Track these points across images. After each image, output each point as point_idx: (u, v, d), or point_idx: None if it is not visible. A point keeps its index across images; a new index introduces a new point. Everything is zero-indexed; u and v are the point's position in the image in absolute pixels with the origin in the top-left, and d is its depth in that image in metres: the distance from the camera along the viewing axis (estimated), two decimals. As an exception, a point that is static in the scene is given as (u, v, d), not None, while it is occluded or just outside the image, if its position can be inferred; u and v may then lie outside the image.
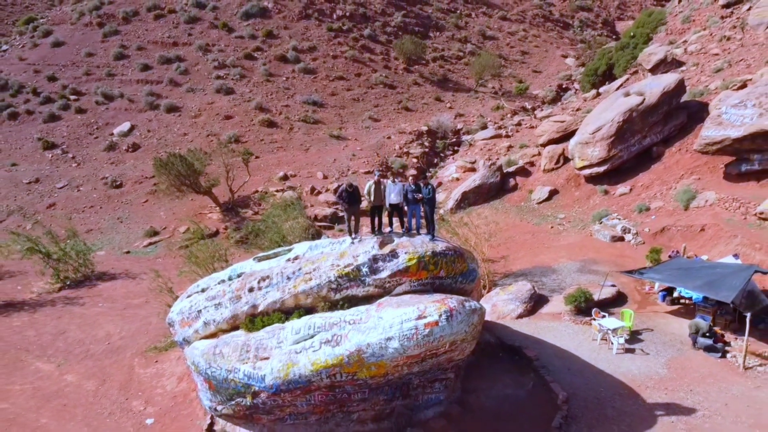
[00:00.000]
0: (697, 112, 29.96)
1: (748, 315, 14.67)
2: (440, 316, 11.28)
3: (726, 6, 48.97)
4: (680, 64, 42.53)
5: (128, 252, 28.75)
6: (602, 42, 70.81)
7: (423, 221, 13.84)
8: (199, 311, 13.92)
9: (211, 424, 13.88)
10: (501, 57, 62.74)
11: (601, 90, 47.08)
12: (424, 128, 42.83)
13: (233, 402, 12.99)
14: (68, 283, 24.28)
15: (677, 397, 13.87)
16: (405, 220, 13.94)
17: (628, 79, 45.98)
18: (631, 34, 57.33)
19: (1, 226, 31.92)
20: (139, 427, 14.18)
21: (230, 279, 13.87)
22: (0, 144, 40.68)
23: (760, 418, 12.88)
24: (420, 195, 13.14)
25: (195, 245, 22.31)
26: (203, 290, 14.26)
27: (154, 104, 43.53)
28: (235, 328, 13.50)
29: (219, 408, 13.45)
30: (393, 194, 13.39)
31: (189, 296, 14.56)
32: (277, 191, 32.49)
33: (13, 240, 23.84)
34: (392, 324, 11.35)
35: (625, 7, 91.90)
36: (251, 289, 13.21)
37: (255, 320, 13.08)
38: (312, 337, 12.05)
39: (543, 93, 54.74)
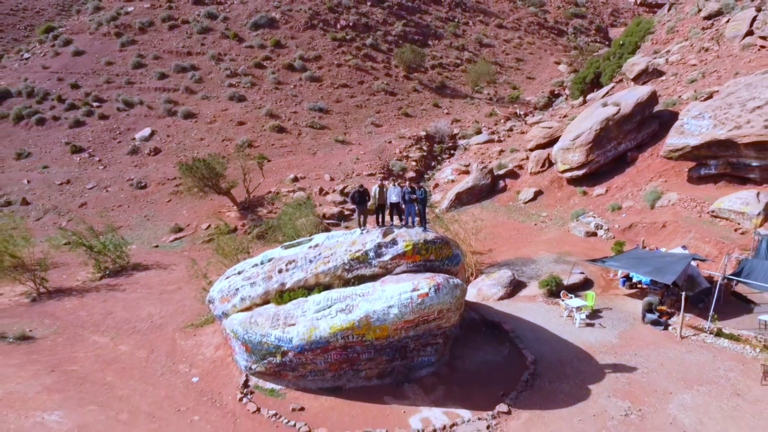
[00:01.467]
0: (669, 121, 33.07)
1: (683, 294, 17.93)
2: (430, 288, 14.57)
3: (707, 18, 51.94)
4: (661, 73, 45.68)
5: (156, 246, 32.05)
6: (594, 49, 74.13)
7: (417, 217, 17.20)
8: (237, 289, 17.20)
9: (246, 381, 17.07)
10: (496, 64, 66.07)
11: (588, 97, 50.27)
12: (423, 133, 46.11)
13: (266, 361, 16.22)
14: (108, 272, 27.56)
15: (623, 359, 17.13)
16: (403, 216, 17.25)
17: (613, 87, 49.14)
18: (621, 42, 60.57)
19: (39, 223, 35.27)
20: (187, 384, 17.39)
21: (262, 263, 17.16)
22: (31, 148, 44.05)
23: (687, 374, 16.14)
24: (415, 196, 16.50)
25: (221, 239, 25.51)
26: (239, 272, 17.55)
27: (172, 111, 46.86)
28: (266, 302, 16.75)
29: (253, 367, 16.69)
30: (393, 195, 16.76)
31: (227, 278, 17.85)
32: (288, 192, 35.78)
33: (62, 235, 27.17)
34: (393, 295, 14.63)
35: (618, 14, 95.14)
36: (280, 271, 16.51)
37: (283, 295, 16.35)
38: (330, 306, 15.31)
39: (535, 99, 57.99)
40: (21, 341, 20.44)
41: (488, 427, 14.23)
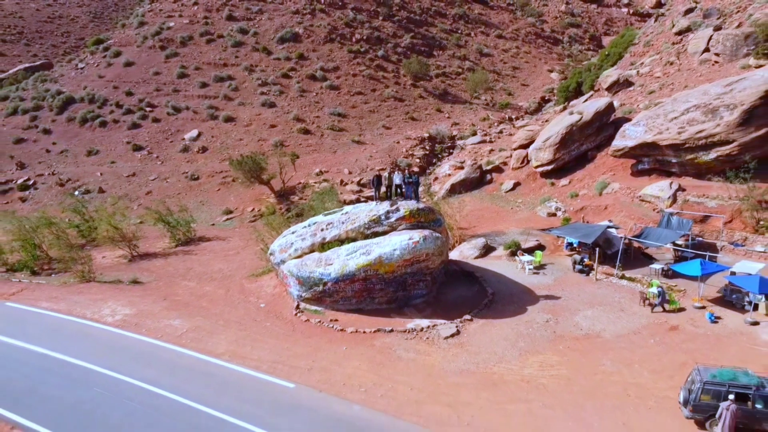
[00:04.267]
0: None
1: (597, 250, 25.94)
2: (420, 238, 22.75)
3: (679, 33, 59.06)
4: (630, 84, 53.16)
5: (213, 224, 40.52)
6: (584, 58, 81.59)
7: (414, 195, 25.51)
8: (291, 243, 25.48)
9: (298, 305, 25.31)
10: (494, 72, 73.85)
11: (570, 104, 57.89)
12: (426, 135, 54.12)
13: (312, 290, 24.42)
14: (180, 242, 36.07)
15: (553, 293, 25.16)
16: (404, 193, 25.50)
17: (591, 95, 56.73)
18: (606, 53, 68.03)
19: (114, 207, 43.80)
20: (257, 308, 25.67)
21: (309, 225, 25.47)
22: (98, 146, 52.80)
23: (593, 300, 24.11)
24: (411, 180, 24.83)
25: (269, 217, 33.88)
26: (293, 232, 25.85)
27: (214, 115, 55.36)
28: (312, 251, 24.95)
29: (303, 295, 24.91)
30: (397, 179, 25.09)
31: (284, 236, 26.16)
32: (315, 183, 44.08)
33: (148, 214, 35.77)
34: (396, 243, 22.83)
35: (612, 23, 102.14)
36: (322, 230, 24.78)
37: (324, 246, 24.60)
38: (355, 251, 23.51)
39: (527, 104, 65.73)
40: (134, 284, 29.01)
41: (456, 326, 22.36)
